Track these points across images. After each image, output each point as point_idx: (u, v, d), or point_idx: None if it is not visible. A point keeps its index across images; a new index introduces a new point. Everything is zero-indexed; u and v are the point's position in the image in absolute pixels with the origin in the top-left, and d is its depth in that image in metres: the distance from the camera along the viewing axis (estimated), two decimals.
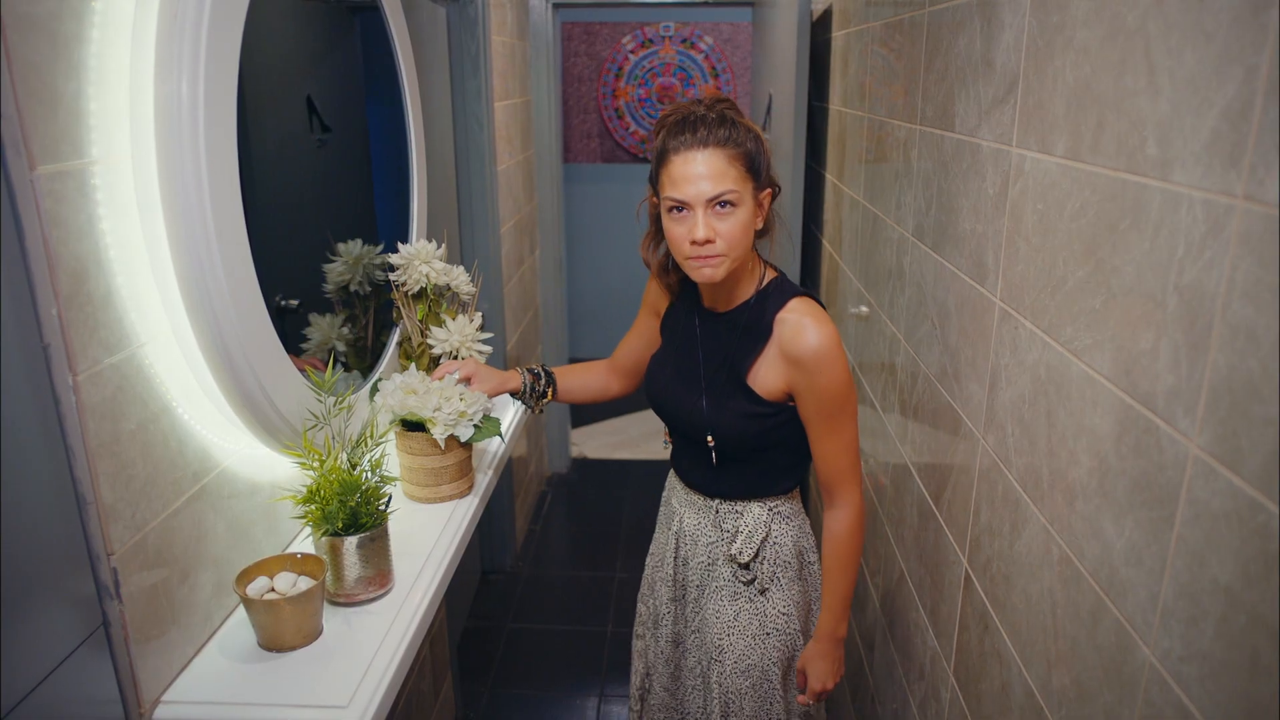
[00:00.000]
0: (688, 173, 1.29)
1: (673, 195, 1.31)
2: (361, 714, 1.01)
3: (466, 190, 2.83)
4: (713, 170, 1.28)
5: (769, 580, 1.53)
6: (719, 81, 5.10)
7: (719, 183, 1.28)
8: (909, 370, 1.62)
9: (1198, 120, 0.70)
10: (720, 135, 1.29)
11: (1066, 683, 0.94)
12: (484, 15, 2.72)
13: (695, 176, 1.28)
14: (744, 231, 1.32)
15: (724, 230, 1.30)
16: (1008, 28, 1.12)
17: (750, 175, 1.32)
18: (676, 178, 1.30)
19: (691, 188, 1.28)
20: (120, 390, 0.94)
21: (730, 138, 1.30)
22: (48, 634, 0.86)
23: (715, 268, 1.33)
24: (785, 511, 1.54)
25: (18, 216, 0.81)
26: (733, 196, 1.30)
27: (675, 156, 1.30)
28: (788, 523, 1.53)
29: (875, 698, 1.89)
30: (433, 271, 1.55)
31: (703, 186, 1.28)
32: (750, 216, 1.33)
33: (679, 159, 1.30)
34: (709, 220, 1.30)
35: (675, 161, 1.30)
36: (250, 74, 1.11)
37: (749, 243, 1.36)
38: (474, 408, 1.42)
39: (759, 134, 1.35)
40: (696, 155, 1.29)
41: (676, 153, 1.30)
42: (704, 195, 1.28)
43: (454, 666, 2.46)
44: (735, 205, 1.30)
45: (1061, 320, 0.95)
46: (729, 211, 1.30)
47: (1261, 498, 0.62)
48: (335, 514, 1.17)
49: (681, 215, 1.32)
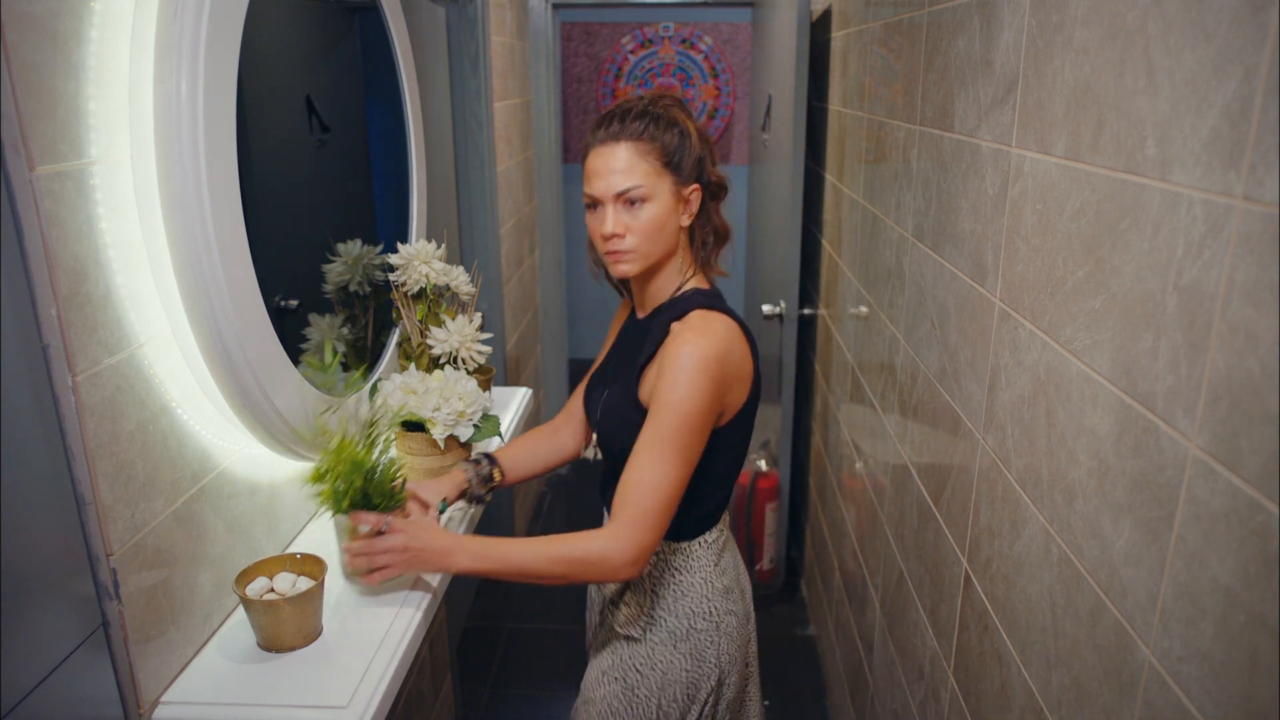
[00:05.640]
0: (598, 167, 1.27)
1: (586, 190, 1.29)
2: (361, 714, 1.01)
3: (466, 190, 2.83)
4: (623, 164, 1.26)
5: (639, 630, 1.37)
6: (719, 82, 5.10)
7: (627, 176, 1.25)
8: (909, 370, 1.62)
9: (1197, 120, 0.70)
10: (634, 129, 1.27)
11: (1066, 683, 0.94)
12: (484, 15, 2.72)
13: (605, 170, 1.27)
14: (657, 227, 1.28)
15: (635, 225, 1.27)
16: (1007, 28, 1.12)
17: (668, 169, 1.28)
18: (589, 172, 1.29)
19: (601, 182, 1.27)
20: (119, 390, 0.94)
21: (645, 131, 1.27)
22: (47, 634, 0.86)
23: (628, 263, 1.29)
24: (673, 562, 1.36)
25: (17, 217, 0.81)
26: (641, 192, 1.26)
27: (591, 151, 1.29)
28: (671, 574, 1.36)
29: (875, 698, 1.89)
30: (432, 272, 1.55)
31: (611, 180, 1.26)
32: (667, 212, 1.28)
33: (593, 154, 1.29)
34: (618, 215, 1.27)
35: (590, 156, 1.29)
36: (250, 74, 1.11)
37: (668, 240, 1.31)
38: (473, 408, 1.42)
39: (689, 128, 1.31)
40: (607, 150, 1.27)
41: (592, 147, 1.29)
42: (612, 189, 1.26)
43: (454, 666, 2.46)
44: (646, 200, 1.26)
45: (1061, 320, 0.95)
46: (639, 208, 1.27)
47: (1261, 498, 0.62)
48: (344, 493, 1.17)
49: (596, 212, 1.30)
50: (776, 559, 3.02)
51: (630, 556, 1.19)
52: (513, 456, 1.53)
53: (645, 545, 1.19)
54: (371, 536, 1.20)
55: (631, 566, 1.19)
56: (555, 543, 1.21)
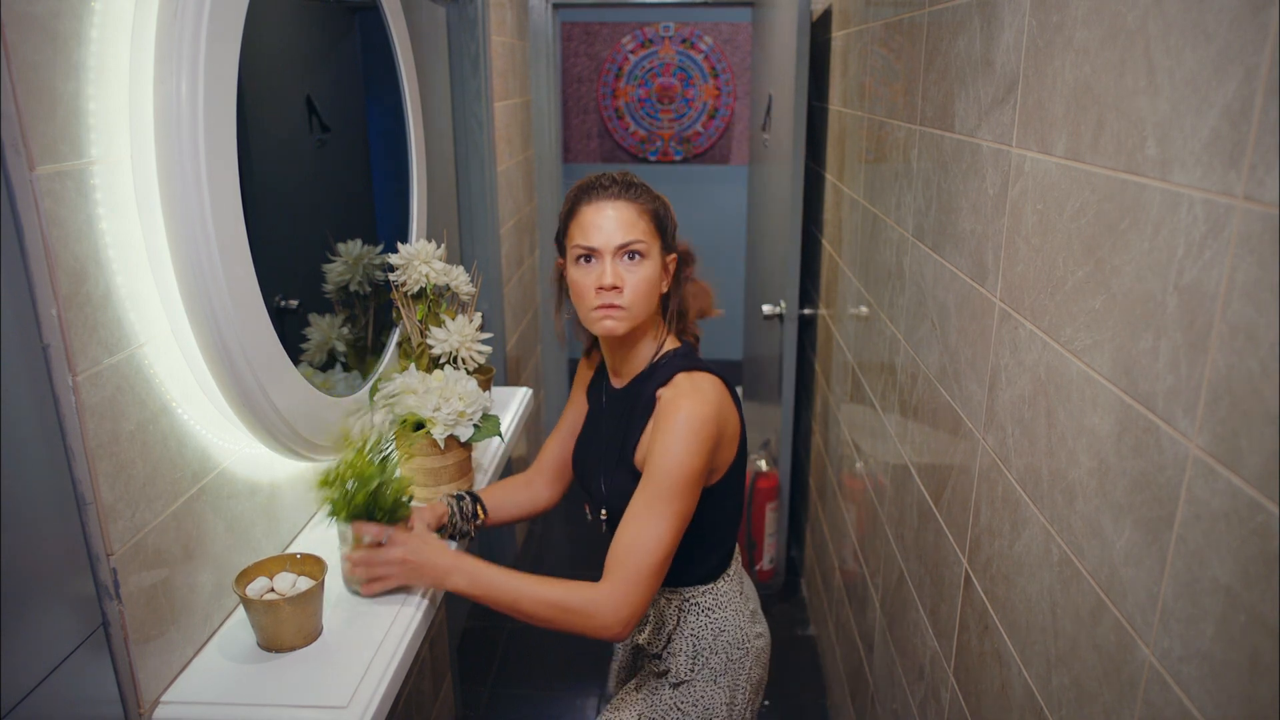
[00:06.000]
0: (598, 220, 1.29)
1: (582, 243, 1.29)
2: (361, 714, 1.01)
3: (466, 190, 2.83)
4: (623, 219, 1.29)
5: (686, 672, 1.41)
6: (719, 82, 5.10)
7: (629, 231, 1.28)
8: (909, 370, 1.62)
9: (1197, 120, 0.70)
10: (631, 193, 1.31)
11: (1066, 683, 0.94)
12: (484, 15, 2.72)
13: (605, 221, 1.28)
14: (649, 287, 1.30)
15: (631, 280, 1.29)
16: (1007, 28, 1.12)
17: (658, 233, 1.32)
18: (586, 225, 1.29)
19: (600, 235, 1.28)
20: (120, 390, 0.94)
21: (639, 196, 1.31)
22: (48, 634, 0.86)
23: (618, 320, 1.30)
24: (705, 604, 1.42)
25: (17, 216, 0.81)
26: (641, 247, 1.29)
27: (586, 207, 1.30)
28: (708, 616, 1.41)
29: (875, 698, 1.89)
30: (432, 272, 1.55)
31: (612, 232, 1.28)
32: (656, 274, 1.32)
33: (590, 208, 1.30)
34: (616, 268, 1.28)
35: (586, 211, 1.30)
36: (250, 74, 1.11)
37: (653, 303, 1.33)
38: (473, 408, 1.42)
39: (666, 203, 1.37)
40: (607, 205, 1.29)
41: (588, 203, 1.31)
42: (613, 242, 1.28)
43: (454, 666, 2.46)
44: (644, 257, 1.29)
45: (1061, 320, 0.95)
46: (637, 263, 1.29)
47: (1261, 498, 0.62)
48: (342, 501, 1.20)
49: (589, 265, 1.30)
50: (776, 559, 3.02)
51: (620, 616, 1.20)
52: (494, 499, 1.54)
53: (636, 605, 1.20)
54: (373, 547, 1.22)
55: (619, 626, 1.20)
56: (549, 585, 1.22)
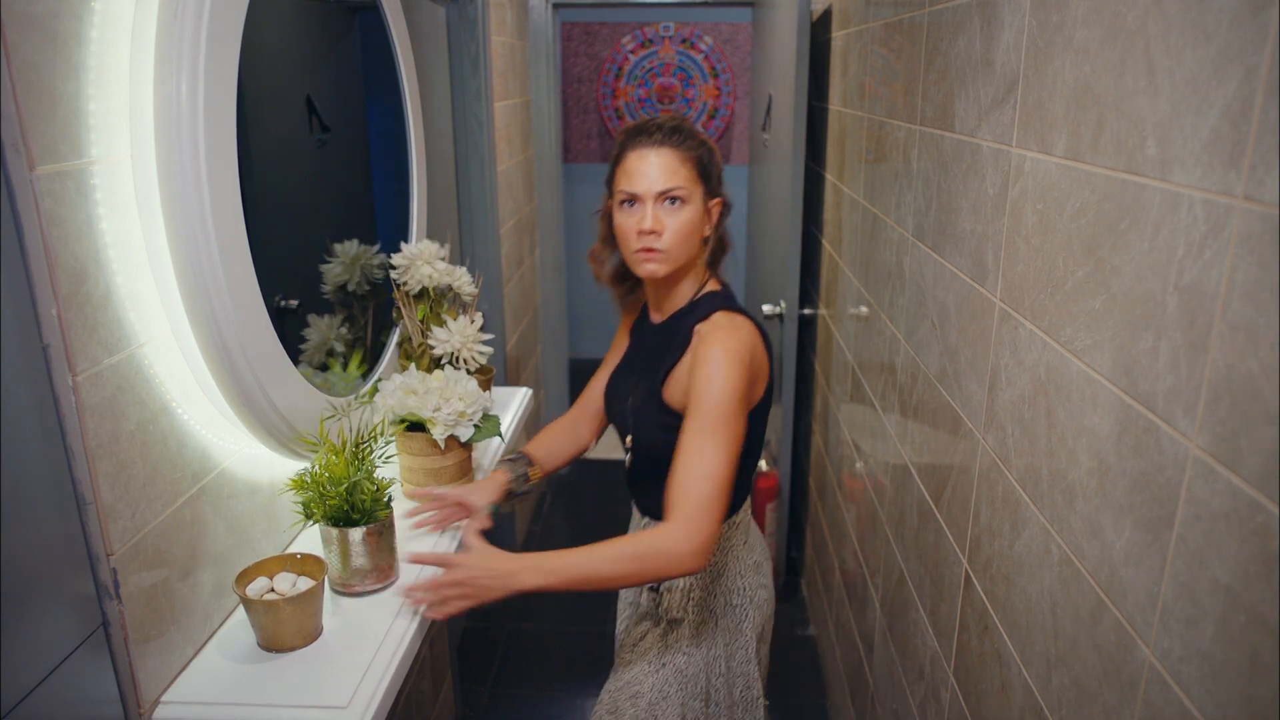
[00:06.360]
0: (641, 166, 1.35)
1: (625, 188, 1.36)
2: (361, 714, 1.01)
3: (466, 190, 2.83)
4: (665, 166, 1.35)
5: (680, 611, 1.45)
6: (719, 82, 5.09)
7: (670, 178, 1.34)
8: (909, 370, 1.62)
9: (1197, 120, 0.70)
10: (675, 139, 1.36)
11: (1066, 683, 0.94)
12: (484, 15, 2.72)
13: (648, 168, 1.35)
14: (689, 231, 1.36)
15: (671, 224, 1.35)
16: (1007, 28, 1.12)
17: (701, 179, 1.38)
18: (630, 171, 1.36)
19: (643, 180, 1.34)
20: (120, 390, 0.94)
21: (684, 143, 1.37)
22: (48, 634, 0.86)
23: (659, 263, 1.36)
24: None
25: (17, 216, 0.81)
26: (681, 193, 1.35)
27: (630, 153, 1.37)
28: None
29: (875, 698, 1.89)
30: (435, 272, 1.55)
31: (655, 179, 1.34)
32: (698, 218, 1.38)
33: (634, 155, 1.36)
34: (657, 213, 1.34)
35: (630, 157, 1.37)
36: (250, 74, 1.11)
37: (693, 246, 1.39)
38: (473, 408, 1.42)
39: (713, 147, 1.42)
40: (650, 152, 1.35)
41: (632, 149, 1.37)
42: (655, 188, 1.34)
43: (454, 666, 2.46)
44: (684, 202, 1.35)
45: (1061, 320, 0.95)
46: (678, 208, 1.35)
47: (1261, 498, 0.62)
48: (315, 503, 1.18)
49: (632, 209, 1.36)
50: (776, 559, 3.02)
51: (695, 547, 1.20)
52: (543, 451, 1.60)
53: (708, 534, 1.22)
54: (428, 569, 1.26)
55: (697, 557, 1.21)
56: (616, 544, 1.23)
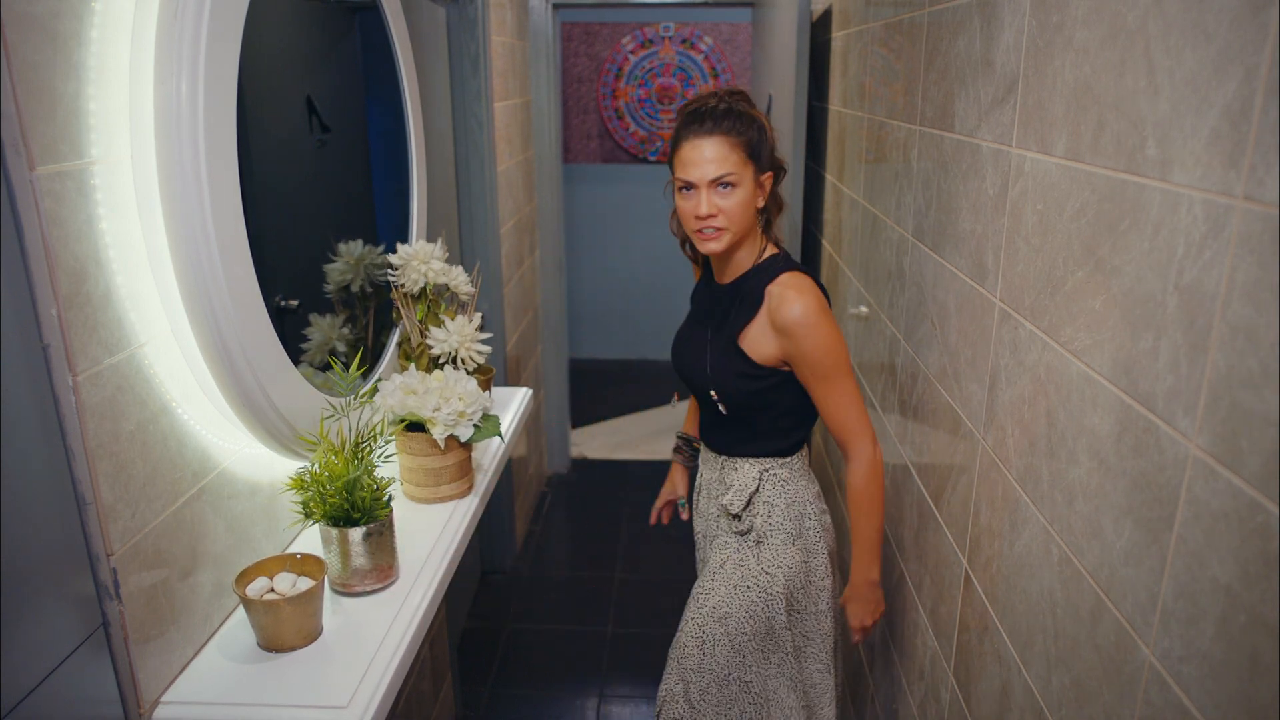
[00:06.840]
0: (695, 157, 1.49)
1: (681, 176, 1.52)
2: (361, 714, 1.01)
3: (466, 190, 2.83)
4: (716, 155, 1.48)
5: (763, 531, 1.64)
6: (719, 82, 5.09)
7: (721, 166, 1.48)
8: (909, 370, 1.62)
9: (1197, 120, 0.70)
10: (725, 125, 1.49)
11: (1066, 683, 0.94)
12: (484, 15, 2.72)
13: (701, 160, 1.49)
14: (743, 209, 1.51)
15: (725, 207, 1.50)
16: (1007, 28, 1.12)
17: (750, 160, 1.51)
18: (685, 161, 1.50)
19: (697, 170, 1.49)
20: (120, 390, 0.94)
21: (734, 128, 1.49)
22: (48, 634, 0.86)
23: (717, 241, 1.52)
24: (781, 475, 1.64)
25: (17, 216, 0.81)
26: (732, 179, 1.49)
27: (685, 143, 1.51)
28: (782, 486, 1.64)
29: (875, 698, 1.89)
30: (432, 271, 1.55)
31: (706, 169, 1.48)
32: (750, 196, 1.52)
33: (688, 145, 1.50)
34: (711, 198, 1.49)
35: (685, 147, 1.51)
36: (250, 74, 1.11)
37: (749, 219, 1.54)
38: (473, 408, 1.42)
39: (764, 124, 1.54)
40: (702, 142, 1.49)
41: (687, 139, 1.51)
42: (707, 176, 1.49)
43: (454, 666, 2.46)
44: (735, 186, 1.50)
45: (1061, 320, 0.95)
46: (730, 191, 1.50)
47: (1261, 498, 0.62)
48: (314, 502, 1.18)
49: (689, 194, 1.52)
50: None
51: (873, 449, 1.56)
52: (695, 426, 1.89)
53: (871, 435, 1.56)
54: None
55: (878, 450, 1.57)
56: (859, 503, 1.56)
